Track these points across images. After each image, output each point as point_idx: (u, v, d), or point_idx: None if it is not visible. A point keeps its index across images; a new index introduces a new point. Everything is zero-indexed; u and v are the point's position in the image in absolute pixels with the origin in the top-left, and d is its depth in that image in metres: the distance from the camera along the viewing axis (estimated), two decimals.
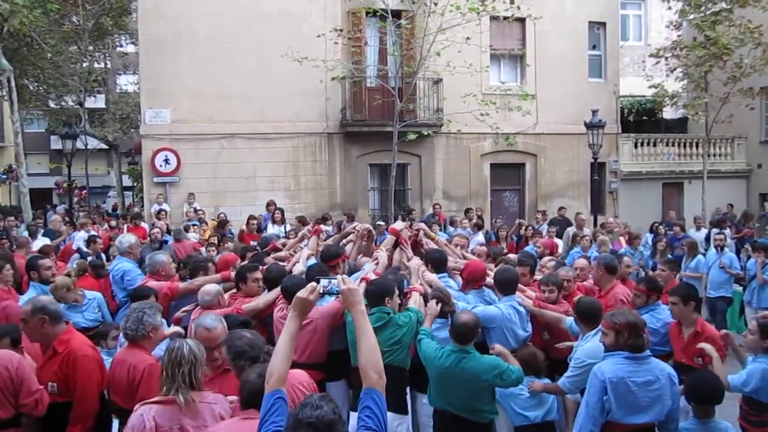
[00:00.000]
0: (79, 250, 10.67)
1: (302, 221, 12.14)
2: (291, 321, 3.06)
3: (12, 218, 13.92)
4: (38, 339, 4.29)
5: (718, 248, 10.42)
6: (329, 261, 5.70)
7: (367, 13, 15.31)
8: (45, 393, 4.06)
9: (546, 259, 7.74)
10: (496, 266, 6.37)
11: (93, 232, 11.94)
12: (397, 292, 4.82)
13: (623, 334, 3.95)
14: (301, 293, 3.09)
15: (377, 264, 5.71)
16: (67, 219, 14.64)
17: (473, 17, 13.65)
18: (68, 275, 6.54)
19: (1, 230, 12.18)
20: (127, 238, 7.84)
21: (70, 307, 6.19)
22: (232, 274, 6.08)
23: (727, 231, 13.02)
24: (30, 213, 15.68)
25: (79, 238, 11.74)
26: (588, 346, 4.63)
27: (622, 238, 12.36)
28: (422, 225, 7.19)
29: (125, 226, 13.33)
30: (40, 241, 11.18)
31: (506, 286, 5.51)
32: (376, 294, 4.71)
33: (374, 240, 6.99)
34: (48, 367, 4.15)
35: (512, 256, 7.91)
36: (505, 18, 15.23)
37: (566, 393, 4.80)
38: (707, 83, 17.55)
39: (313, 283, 3.16)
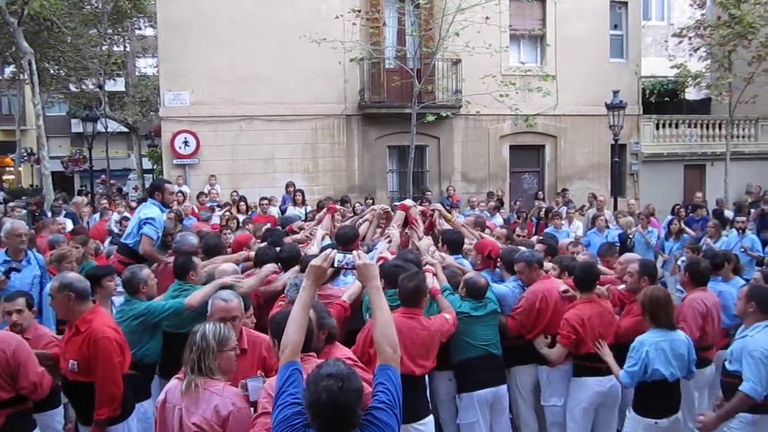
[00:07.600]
0: (110, 231, 10.78)
1: (320, 206, 12.12)
2: (305, 291, 3.04)
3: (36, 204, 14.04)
4: (64, 315, 4.35)
5: (740, 231, 10.30)
6: (346, 245, 5.59)
7: None
8: (47, 376, 4.09)
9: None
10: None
11: (125, 214, 11.93)
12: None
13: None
14: (315, 261, 3.08)
15: (390, 242, 5.67)
16: (87, 201, 14.77)
17: None
18: None
19: (39, 212, 12.51)
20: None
21: None
22: (251, 253, 6.11)
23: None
24: (52, 195, 15.87)
25: (112, 219, 11.83)
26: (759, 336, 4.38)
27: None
28: (438, 206, 7.16)
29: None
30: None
31: (512, 265, 5.54)
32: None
33: (392, 220, 6.94)
34: (70, 345, 4.19)
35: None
36: None
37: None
38: (731, 63, 17.21)
39: (328, 250, 3.15)
